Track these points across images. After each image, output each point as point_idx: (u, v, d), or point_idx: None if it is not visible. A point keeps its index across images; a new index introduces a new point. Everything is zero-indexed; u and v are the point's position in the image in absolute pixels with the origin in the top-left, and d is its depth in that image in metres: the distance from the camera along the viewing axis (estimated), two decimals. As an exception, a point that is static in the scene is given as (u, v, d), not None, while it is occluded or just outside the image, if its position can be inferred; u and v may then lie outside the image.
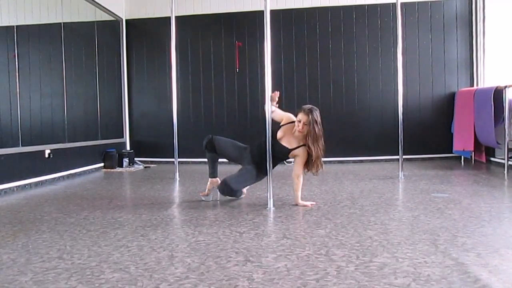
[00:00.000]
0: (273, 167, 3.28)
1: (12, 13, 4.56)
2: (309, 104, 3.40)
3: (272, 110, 3.34)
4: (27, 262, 2.07)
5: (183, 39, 6.59)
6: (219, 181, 3.53)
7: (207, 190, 3.60)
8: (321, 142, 3.18)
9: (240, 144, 3.60)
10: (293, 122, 3.29)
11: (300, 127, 3.17)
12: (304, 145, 3.24)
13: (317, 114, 3.18)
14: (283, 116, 3.41)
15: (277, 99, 3.39)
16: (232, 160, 3.62)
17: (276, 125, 3.40)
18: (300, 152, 3.26)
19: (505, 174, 4.64)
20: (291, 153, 3.30)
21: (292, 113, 3.41)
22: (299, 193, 3.31)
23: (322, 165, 3.25)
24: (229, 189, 3.35)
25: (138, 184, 4.75)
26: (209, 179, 3.58)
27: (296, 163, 3.30)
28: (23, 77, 4.58)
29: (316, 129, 3.14)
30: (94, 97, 6.09)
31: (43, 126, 5.07)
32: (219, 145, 3.47)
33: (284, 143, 3.29)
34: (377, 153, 6.39)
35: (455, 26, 6.38)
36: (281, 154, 3.32)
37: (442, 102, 6.41)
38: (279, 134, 3.33)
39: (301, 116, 3.18)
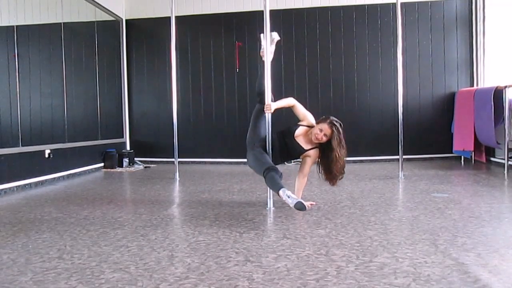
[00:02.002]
0: (281, 163, 3.30)
1: (12, 13, 4.56)
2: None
3: (292, 104, 3.33)
4: (27, 262, 2.07)
5: (183, 39, 6.59)
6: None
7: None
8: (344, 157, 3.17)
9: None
10: (312, 126, 3.25)
11: (320, 137, 3.12)
12: (317, 147, 3.24)
13: (339, 129, 3.12)
14: (305, 115, 3.32)
15: (272, 109, 3.26)
16: (255, 130, 3.34)
17: (293, 120, 3.37)
18: (312, 153, 3.26)
19: (505, 174, 4.64)
20: (304, 153, 3.27)
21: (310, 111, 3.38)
22: (301, 193, 3.32)
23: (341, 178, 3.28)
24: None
25: (138, 184, 4.75)
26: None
27: (306, 163, 3.29)
28: (23, 77, 4.58)
29: (343, 143, 3.12)
30: (94, 97, 6.09)
31: (43, 126, 5.07)
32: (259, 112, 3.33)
33: (300, 142, 3.25)
34: (377, 153, 6.39)
35: (455, 26, 6.38)
36: (295, 153, 3.29)
37: (442, 102, 6.41)
38: (297, 132, 3.26)
39: (324, 127, 3.12)
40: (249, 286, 1.71)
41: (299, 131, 3.26)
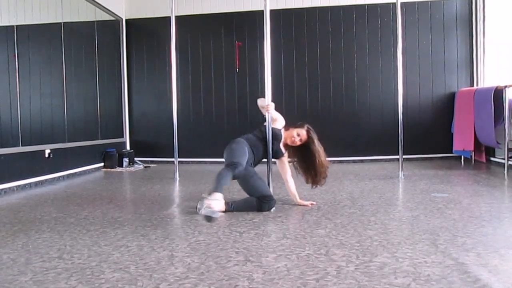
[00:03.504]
0: (257, 164, 3.31)
1: (12, 13, 4.56)
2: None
3: (275, 118, 3.37)
4: (27, 262, 2.07)
5: (183, 39, 6.59)
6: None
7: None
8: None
9: (239, 146, 3.16)
10: (285, 129, 3.36)
11: (296, 140, 3.25)
12: (289, 147, 3.35)
13: (314, 135, 3.27)
14: (278, 118, 3.41)
15: (271, 110, 3.36)
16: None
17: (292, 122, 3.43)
18: (287, 154, 3.38)
19: (505, 174, 4.63)
20: (281, 155, 3.35)
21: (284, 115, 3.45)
22: (296, 193, 3.33)
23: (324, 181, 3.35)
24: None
25: (138, 184, 4.75)
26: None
27: (285, 164, 3.35)
28: (23, 77, 4.58)
29: (321, 149, 3.22)
30: (94, 97, 6.09)
31: (43, 126, 5.07)
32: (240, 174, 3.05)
33: (281, 146, 3.34)
34: (377, 153, 6.39)
35: (455, 26, 6.38)
36: (276, 156, 3.35)
37: (442, 102, 6.41)
38: (283, 138, 3.34)
39: (302, 133, 3.25)
40: (249, 286, 1.71)
41: (283, 136, 3.33)
